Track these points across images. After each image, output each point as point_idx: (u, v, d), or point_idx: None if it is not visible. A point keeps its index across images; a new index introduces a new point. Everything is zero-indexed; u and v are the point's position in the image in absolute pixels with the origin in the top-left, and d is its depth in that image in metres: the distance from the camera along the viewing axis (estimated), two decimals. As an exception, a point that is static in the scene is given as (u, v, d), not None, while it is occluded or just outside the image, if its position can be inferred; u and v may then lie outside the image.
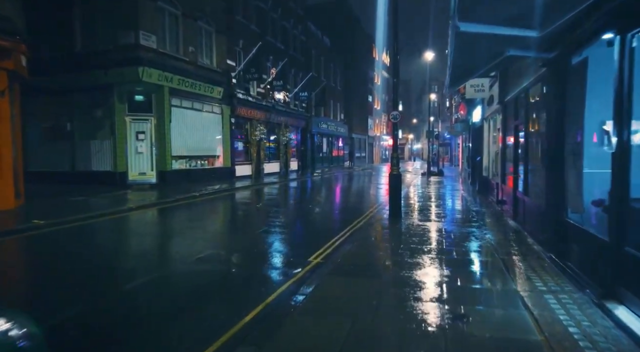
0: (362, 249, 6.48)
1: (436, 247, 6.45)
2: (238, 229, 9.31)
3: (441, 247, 6.47)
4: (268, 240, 7.74)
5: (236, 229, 9.37)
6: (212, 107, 18.26)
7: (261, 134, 21.91)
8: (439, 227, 8.18)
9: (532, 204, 7.14)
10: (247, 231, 8.96)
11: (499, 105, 10.71)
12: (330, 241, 7.33)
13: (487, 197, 13.58)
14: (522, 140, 8.26)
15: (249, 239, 7.86)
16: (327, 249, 6.74)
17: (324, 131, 33.61)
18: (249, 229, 9.12)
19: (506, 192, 9.98)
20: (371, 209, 11.35)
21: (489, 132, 14.87)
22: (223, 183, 17.28)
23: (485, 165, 15.21)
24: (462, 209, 11.04)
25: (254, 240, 7.75)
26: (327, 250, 6.70)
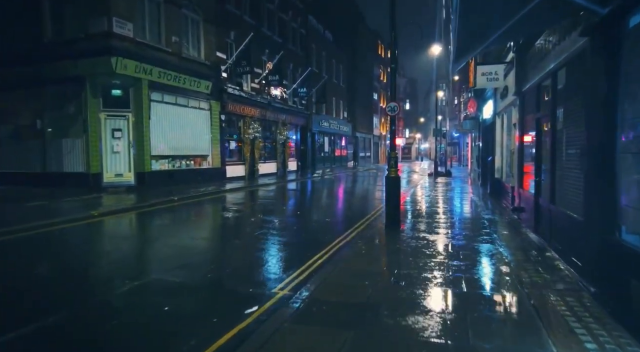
0: (345, 275, 5.02)
1: (441, 275, 4.96)
2: (204, 242, 7.90)
3: (447, 275, 4.98)
4: (234, 258, 6.31)
5: (202, 242, 7.95)
6: (199, 103, 16.90)
7: (255, 132, 20.51)
8: (445, 243, 6.69)
9: (562, 215, 5.63)
10: (214, 245, 7.55)
11: (516, 96, 9.18)
12: (310, 259, 5.91)
13: (500, 202, 12.04)
14: (546, 136, 6.75)
15: (213, 257, 6.45)
16: (302, 273, 5.31)
17: (325, 130, 32.15)
18: (218, 242, 7.70)
19: (525, 198, 8.45)
20: (368, 216, 9.88)
21: (501, 129, 13.32)
22: (211, 185, 15.91)
23: (498, 166, 13.65)
24: (472, 217, 9.52)
25: (218, 258, 6.33)
26: (302, 274, 5.27)
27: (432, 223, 8.55)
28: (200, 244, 7.53)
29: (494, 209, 10.75)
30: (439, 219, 9.11)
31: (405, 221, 8.81)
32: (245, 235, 8.18)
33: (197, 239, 7.89)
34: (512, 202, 10.25)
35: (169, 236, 8.10)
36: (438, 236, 7.28)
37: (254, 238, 7.66)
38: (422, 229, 7.88)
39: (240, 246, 7.25)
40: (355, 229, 8.44)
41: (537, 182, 7.23)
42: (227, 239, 8.04)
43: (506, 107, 11.42)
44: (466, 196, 14.46)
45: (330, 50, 34.08)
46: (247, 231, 8.50)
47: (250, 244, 7.28)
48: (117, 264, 5.96)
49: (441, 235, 7.34)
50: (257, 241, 7.46)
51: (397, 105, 8.13)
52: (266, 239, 7.52)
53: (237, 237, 8.16)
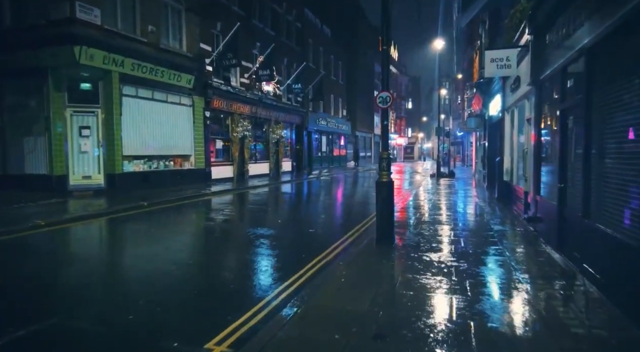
0: (308, 323, 3.65)
1: (442, 321, 3.58)
2: (150, 265, 6.54)
3: (450, 324, 3.59)
4: (175, 290, 4.94)
5: (147, 265, 6.59)
6: (180, 98, 15.56)
7: (245, 131, 19.16)
8: (448, 265, 5.30)
9: (603, 235, 4.24)
10: (157, 271, 6.20)
11: (531, 87, 7.78)
12: (269, 294, 4.54)
13: (510, 209, 10.64)
14: (575, 131, 5.36)
15: (147, 292, 5.08)
16: (255, 316, 3.95)
17: (322, 128, 30.76)
18: (165, 266, 6.35)
19: (543, 207, 7.06)
20: (358, 226, 8.51)
21: (511, 126, 11.91)
22: (193, 188, 14.57)
23: (507, 167, 12.25)
24: (478, 228, 8.12)
25: (152, 292, 4.96)
26: (254, 318, 3.91)
27: (433, 237, 7.16)
28: (136, 270, 6.17)
29: (504, 217, 9.34)
30: (440, 231, 7.72)
31: (400, 233, 7.43)
32: (199, 253, 6.83)
33: (139, 260, 6.52)
34: (526, 209, 8.85)
35: (120, 254, 6.74)
36: (439, 255, 5.90)
37: (210, 258, 6.31)
38: (420, 245, 6.50)
39: (191, 274, 5.89)
40: (341, 243, 7.08)
41: (562, 189, 5.83)
42: (182, 260, 6.68)
43: (517, 101, 10.01)
44: (471, 200, 13.06)
45: (328, 45, 32.70)
46: (205, 248, 7.15)
47: (207, 267, 5.93)
48: (21, 298, 4.61)
49: (443, 254, 5.95)
50: (218, 264, 6.10)
51: (390, 95, 6.75)
52: (222, 261, 6.16)
53: (192, 256, 6.81)
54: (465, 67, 45.61)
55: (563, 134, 5.85)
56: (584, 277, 4.69)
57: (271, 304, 4.25)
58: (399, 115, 65.47)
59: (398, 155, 65.53)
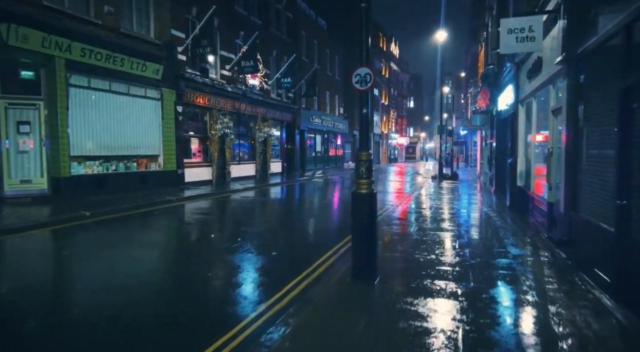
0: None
1: None
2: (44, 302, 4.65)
3: None
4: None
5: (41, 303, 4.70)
6: (146, 91, 13.66)
7: (225, 128, 17.26)
8: (452, 329, 3.37)
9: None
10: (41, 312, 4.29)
11: (563, 65, 5.84)
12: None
13: (526, 220, 8.69)
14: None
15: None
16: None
17: (317, 127, 28.82)
18: (59, 303, 4.44)
19: (584, 228, 5.10)
20: (334, 249, 6.58)
21: (527, 120, 9.98)
22: (159, 193, 12.72)
23: (521, 170, 10.31)
24: (490, 252, 6.17)
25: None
26: None
27: (430, 267, 5.23)
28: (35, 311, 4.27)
29: (522, 234, 7.40)
30: (440, 256, 5.78)
31: (388, 259, 5.51)
32: (115, 293, 4.93)
33: (35, 301, 4.63)
34: (550, 225, 6.91)
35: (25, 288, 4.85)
36: (437, 302, 3.98)
37: (134, 311, 4.41)
38: (412, 284, 4.58)
39: (98, 328, 4.00)
40: (304, 278, 5.16)
41: (624, 208, 3.89)
42: (79, 300, 4.79)
43: (537, 89, 8.07)
44: (478, 209, 11.12)
45: (323, 39, 30.76)
46: (122, 285, 5.25)
47: (118, 316, 4.04)
48: None
49: (442, 302, 4.03)
50: (138, 315, 4.20)
51: (371, 74, 4.82)
52: (162, 303, 4.26)
53: (111, 293, 4.91)
54: (469, 64, 43.70)
55: (627, 124, 3.91)
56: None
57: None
58: (400, 114, 63.47)
59: (399, 155, 63.54)
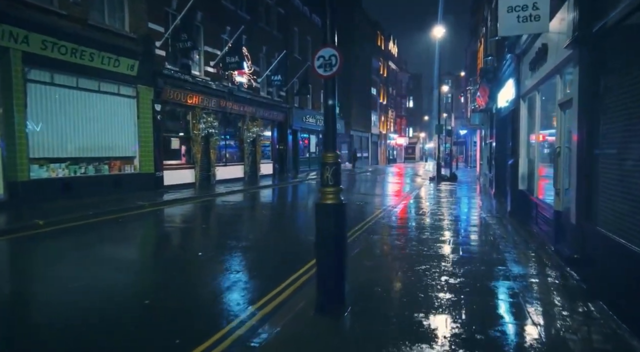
0: None
1: None
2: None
3: None
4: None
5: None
6: (119, 88, 12.72)
7: (210, 127, 16.32)
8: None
9: None
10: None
11: (574, 49, 4.89)
12: None
13: (528, 229, 7.73)
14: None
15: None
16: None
17: (310, 127, 27.86)
18: None
19: (604, 247, 4.14)
20: (306, 268, 5.62)
21: (529, 117, 9.03)
22: (134, 198, 11.80)
23: (523, 172, 9.35)
24: (490, 272, 5.19)
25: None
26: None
27: (415, 294, 4.27)
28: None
29: (525, 248, 6.43)
30: (430, 279, 4.81)
31: (363, 283, 4.55)
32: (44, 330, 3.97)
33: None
34: (557, 237, 5.95)
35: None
36: (423, 349, 3.03)
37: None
38: (391, 319, 3.63)
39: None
40: (260, 307, 4.21)
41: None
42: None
43: (540, 81, 7.12)
44: (477, 214, 10.16)
45: (318, 36, 29.76)
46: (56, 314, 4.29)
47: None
48: None
49: (429, 350, 3.07)
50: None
51: (338, 56, 3.88)
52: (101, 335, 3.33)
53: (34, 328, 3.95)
54: (468, 63, 42.74)
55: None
56: None
57: None
58: (399, 114, 62.55)
59: (398, 155, 62.63)
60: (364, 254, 6.05)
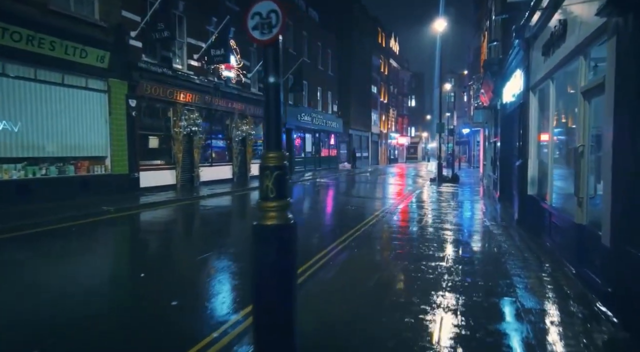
0: None
1: None
2: None
3: None
4: None
5: None
6: (86, 81, 11.61)
7: (192, 125, 15.19)
8: None
9: None
10: None
11: (608, 17, 3.72)
12: None
13: (540, 243, 6.55)
14: None
15: None
16: None
17: (306, 125, 26.70)
18: None
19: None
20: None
21: (540, 111, 7.87)
22: (101, 201, 10.69)
23: (533, 175, 8.17)
24: (496, 310, 4.04)
25: None
26: None
27: (395, 347, 3.12)
28: None
29: (538, 268, 5.26)
30: (415, 319, 3.65)
31: (323, 335, 3.40)
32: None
33: None
34: (580, 257, 4.79)
35: None
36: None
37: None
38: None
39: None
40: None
41: None
42: None
43: (558, 65, 5.93)
44: (479, 223, 8.99)
45: (314, 31, 28.65)
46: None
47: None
48: None
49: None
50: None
51: (279, 13, 2.74)
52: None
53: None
54: (471, 60, 41.46)
55: None
56: None
57: None
58: (400, 113, 61.30)
59: (400, 155, 61.38)
60: (340, 276, 4.91)
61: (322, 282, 4.79)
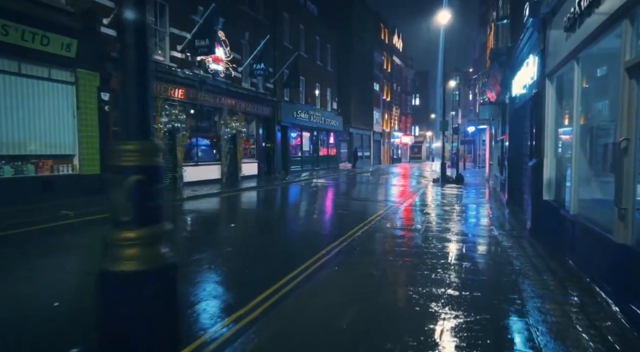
0: None
1: None
2: None
3: None
4: None
5: None
6: (49, 71, 10.52)
7: (175, 122, 14.09)
8: None
9: None
10: None
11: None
12: None
13: (561, 261, 5.31)
14: None
15: None
16: None
17: (303, 123, 25.51)
18: None
19: None
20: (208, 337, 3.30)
21: (558, 102, 6.65)
22: (64, 205, 9.61)
23: (550, 177, 6.94)
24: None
25: None
26: None
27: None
28: None
29: (565, 302, 4.06)
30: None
31: None
32: None
33: None
34: (626, 288, 3.59)
35: None
36: None
37: None
38: None
39: None
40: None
41: None
42: None
43: (589, 40, 4.71)
44: (486, 231, 7.76)
45: (312, 24, 27.46)
46: None
47: None
48: None
49: None
50: None
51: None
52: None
53: None
54: (477, 57, 40.13)
55: None
56: None
57: None
58: (404, 112, 59.96)
59: (403, 154, 60.07)
60: (309, 304, 3.74)
61: (281, 317, 3.62)
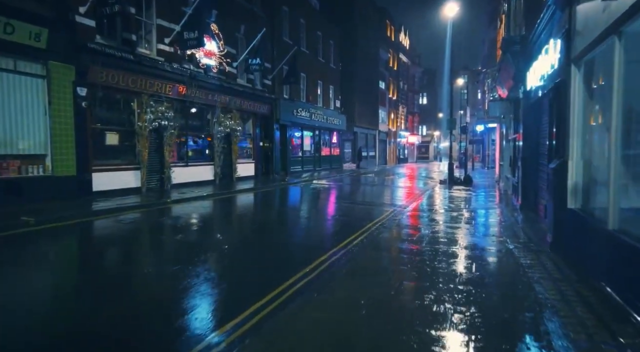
0: None
1: None
2: None
3: None
4: None
5: None
6: (15, 63, 9.62)
7: (161, 119, 13.14)
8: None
9: None
10: None
11: None
12: None
13: (595, 286, 4.21)
14: None
15: None
16: None
17: (304, 121, 24.48)
18: None
19: None
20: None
21: (587, 92, 5.57)
22: (28, 210, 8.72)
23: (576, 182, 5.85)
24: None
25: None
26: None
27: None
28: None
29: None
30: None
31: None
32: None
33: None
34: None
35: None
36: None
37: None
38: None
39: None
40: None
41: None
42: None
43: (636, 6, 3.64)
44: (497, 244, 6.68)
45: (314, 19, 26.43)
46: None
47: None
48: None
49: None
50: None
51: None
52: None
53: None
54: (486, 53, 38.82)
55: None
56: None
57: None
58: (410, 111, 58.68)
59: (410, 154, 58.81)
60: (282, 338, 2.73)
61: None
